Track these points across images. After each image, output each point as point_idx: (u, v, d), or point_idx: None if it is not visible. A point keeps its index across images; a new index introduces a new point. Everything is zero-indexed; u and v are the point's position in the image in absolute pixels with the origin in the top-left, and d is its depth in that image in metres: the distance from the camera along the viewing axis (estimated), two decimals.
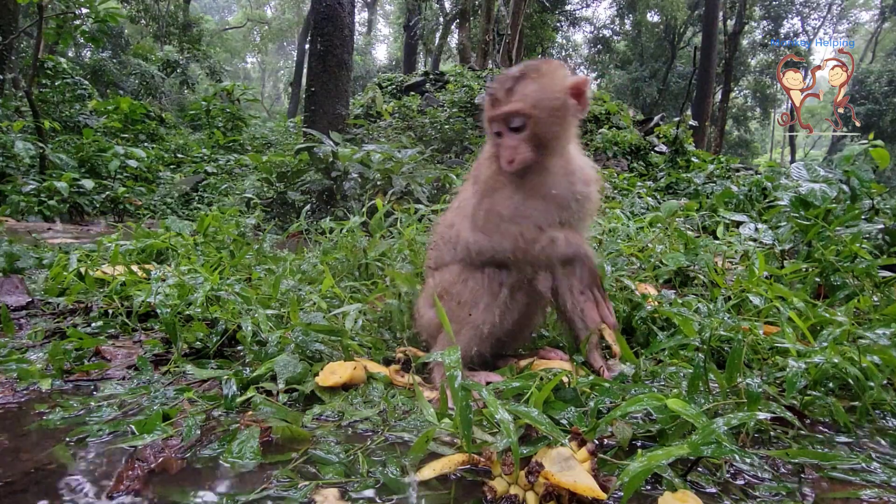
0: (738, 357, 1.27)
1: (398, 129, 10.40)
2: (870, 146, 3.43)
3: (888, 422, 1.36)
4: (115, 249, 2.86)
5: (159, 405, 1.36)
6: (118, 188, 8.62)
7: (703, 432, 0.97)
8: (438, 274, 1.68)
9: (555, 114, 1.47)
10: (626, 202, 5.35)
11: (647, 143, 11.21)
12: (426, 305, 1.70)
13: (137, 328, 2.08)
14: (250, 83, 32.84)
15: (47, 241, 4.23)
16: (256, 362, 1.60)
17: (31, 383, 1.51)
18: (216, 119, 15.03)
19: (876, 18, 33.97)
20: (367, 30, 41.77)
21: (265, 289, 2.29)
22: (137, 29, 25.79)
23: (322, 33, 9.07)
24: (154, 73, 18.22)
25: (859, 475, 1.10)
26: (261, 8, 46.25)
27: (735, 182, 6.55)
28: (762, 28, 32.70)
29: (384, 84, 16.04)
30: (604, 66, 35.29)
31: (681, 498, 0.95)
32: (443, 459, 1.08)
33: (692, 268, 2.56)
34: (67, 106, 12.22)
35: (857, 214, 2.88)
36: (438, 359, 1.22)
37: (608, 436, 1.21)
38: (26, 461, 1.10)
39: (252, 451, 1.14)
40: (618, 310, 2.05)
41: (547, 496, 0.94)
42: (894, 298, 2.14)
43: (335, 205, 5.96)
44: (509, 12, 16.36)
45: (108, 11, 8.53)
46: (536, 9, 22.69)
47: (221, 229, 3.52)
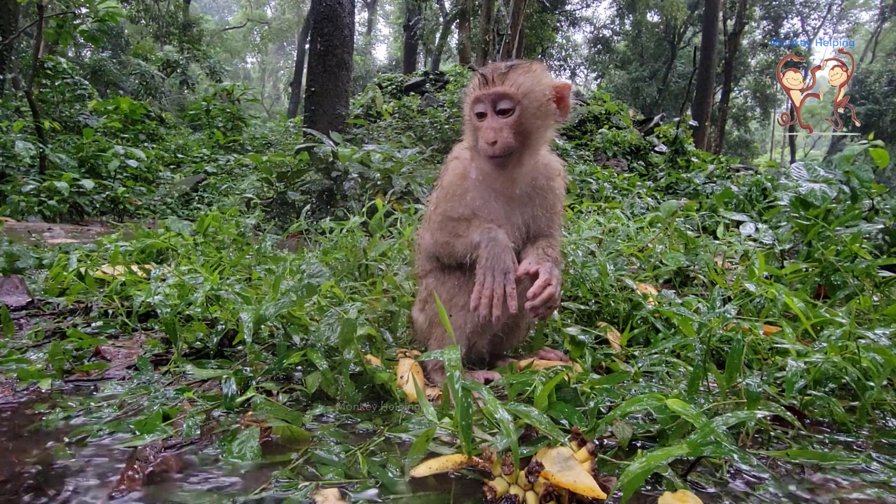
0: (738, 357, 1.27)
1: (398, 129, 10.40)
2: (870, 146, 3.44)
3: (888, 422, 1.36)
4: (115, 249, 2.86)
5: (159, 405, 1.35)
6: (118, 188, 8.62)
7: (703, 432, 0.97)
8: (424, 279, 1.73)
9: (540, 108, 1.51)
10: (626, 202, 5.35)
11: (647, 143, 11.21)
12: (417, 310, 1.76)
13: (137, 328, 2.08)
14: (250, 83, 32.84)
15: (47, 240, 4.23)
16: (257, 362, 1.60)
17: (31, 383, 1.50)
18: (216, 119, 15.03)
19: (876, 18, 33.97)
20: (367, 30, 41.78)
21: (265, 289, 2.28)
22: (137, 29, 25.78)
23: (322, 33, 9.07)
24: (154, 73, 18.22)
25: (859, 475, 1.10)
26: (261, 8, 46.24)
27: (735, 182, 6.56)
28: (762, 28, 32.71)
29: (384, 84, 16.05)
30: (604, 66, 35.28)
31: (681, 498, 0.95)
32: (440, 458, 1.08)
33: (692, 268, 2.56)
34: (67, 106, 12.21)
35: (857, 214, 2.88)
36: (438, 357, 1.22)
37: (608, 436, 1.21)
38: (26, 461, 1.10)
39: (252, 452, 1.14)
40: (618, 309, 2.06)
41: (547, 496, 0.94)
42: (894, 298, 2.14)
43: (335, 205, 5.95)
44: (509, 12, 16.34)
45: (108, 11, 8.53)
46: (536, 9, 22.68)
47: (221, 229, 3.52)
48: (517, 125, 1.50)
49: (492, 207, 1.60)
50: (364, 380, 1.48)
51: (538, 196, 1.63)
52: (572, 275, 2.22)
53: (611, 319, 2.09)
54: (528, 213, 1.62)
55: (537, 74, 1.53)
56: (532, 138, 1.53)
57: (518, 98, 1.48)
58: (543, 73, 1.55)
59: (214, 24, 38.63)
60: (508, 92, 1.48)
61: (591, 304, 2.15)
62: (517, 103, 1.49)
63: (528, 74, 1.51)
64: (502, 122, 1.49)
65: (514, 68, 1.51)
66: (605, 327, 1.96)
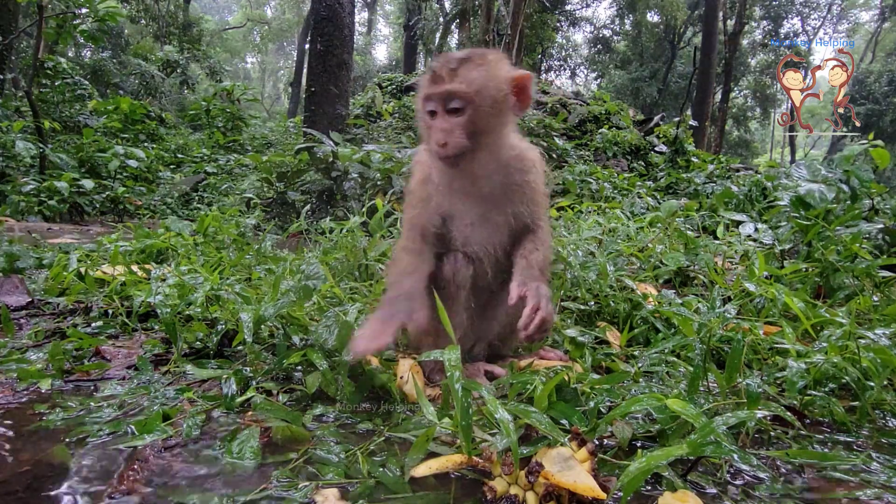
0: (738, 357, 1.27)
1: (398, 129, 10.40)
2: (870, 146, 3.44)
3: (888, 422, 1.36)
4: (115, 249, 2.86)
5: (159, 405, 1.36)
6: (118, 188, 8.62)
7: (703, 432, 0.97)
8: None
9: (495, 105, 1.41)
10: (626, 202, 5.35)
11: (647, 143, 11.20)
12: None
13: (137, 328, 2.08)
14: (250, 83, 32.81)
15: (47, 240, 4.23)
16: (257, 362, 1.60)
17: (31, 383, 1.50)
18: (216, 119, 15.03)
19: (876, 18, 33.95)
20: (367, 30, 41.76)
21: (265, 289, 2.29)
22: (137, 29, 25.78)
23: (322, 33, 9.07)
24: (154, 73, 18.22)
25: (859, 475, 1.10)
26: (261, 8, 46.24)
27: (735, 182, 6.56)
28: (762, 28, 32.68)
29: (384, 84, 16.03)
30: (604, 66, 35.26)
31: (681, 498, 0.95)
32: (440, 458, 1.08)
33: (692, 268, 2.56)
34: (67, 106, 12.21)
35: (857, 214, 2.88)
36: (438, 357, 1.22)
37: (608, 436, 1.21)
38: (26, 461, 1.10)
39: (252, 451, 1.14)
40: (618, 309, 2.06)
41: (547, 496, 0.94)
42: (894, 298, 2.14)
43: (335, 205, 5.95)
44: (509, 12, 16.33)
45: (108, 11, 8.53)
46: (536, 9, 22.67)
47: (221, 229, 3.52)
48: (469, 125, 1.39)
49: (462, 210, 1.53)
50: (364, 380, 1.48)
51: (515, 192, 1.54)
52: (569, 278, 2.21)
53: (611, 319, 2.09)
54: (507, 210, 1.54)
55: (492, 67, 1.41)
56: (488, 136, 1.44)
57: (470, 96, 1.37)
58: (499, 64, 1.44)
59: (214, 24, 38.62)
60: (458, 90, 1.37)
61: (591, 304, 2.15)
62: (469, 102, 1.38)
63: (482, 68, 1.39)
64: (453, 121, 1.39)
65: (466, 62, 1.39)
66: (604, 327, 1.96)
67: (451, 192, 1.53)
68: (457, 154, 1.40)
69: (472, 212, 1.54)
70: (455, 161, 1.42)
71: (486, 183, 1.51)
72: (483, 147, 1.44)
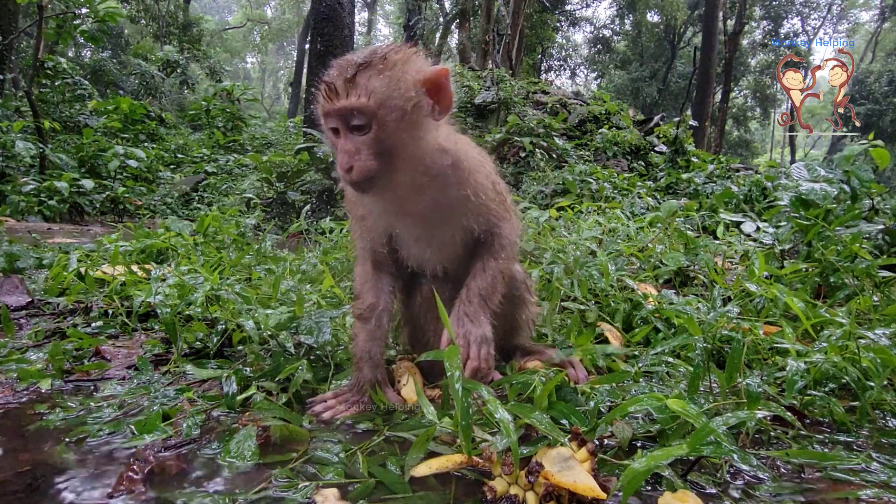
0: (739, 357, 1.27)
1: None
2: (870, 146, 3.43)
3: (888, 422, 1.36)
4: (115, 249, 2.86)
5: (159, 405, 1.35)
6: (118, 188, 8.62)
7: (703, 432, 0.97)
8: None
9: (406, 116, 1.17)
10: (626, 202, 5.35)
11: (647, 143, 11.19)
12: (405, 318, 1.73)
13: (137, 328, 2.08)
14: (250, 83, 32.79)
15: (47, 240, 4.23)
16: (258, 363, 1.60)
17: (31, 383, 1.51)
18: (216, 119, 15.03)
19: (876, 18, 33.97)
20: (367, 30, 41.75)
21: (265, 289, 2.29)
22: (137, 29, 25.79)
23: (322, 33, 9.08)
24: (154, 73, 18.22)
25: (859, 475, 1.09)
26: (261, 8, 46.25)
27: (735, 182, 6.56)
28: (762, 28, 32.70)
29: None
30: (604, 66, 35.27)
31: (681, 498, 0.95)
32: (440, 458, 1.08)
33: (692, 268, 2.56)
34: (67, 106, 12.22)
35: (857, 214, 2.88)
36: (438, 358, 1.21)
37: (608, 436, 1.21)
38: (26, 461, 1.10)
39: (250, 451, 1.14)
40: (618, 309, 2.06)
41: (547, 496, 0.94)
42: (894, 298, 2.13)
43: (335, 205, 5.96)
44: (509, 12, 16.35)
45: (108, 11, 8.54)
46: (536, 9, 22.69)
47: (221, 229, 3.52)
48: (376, 143, 1.17)
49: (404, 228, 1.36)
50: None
51: (457, 206, 1.33)
52: (565, 285, 2.21)
53: (611, 320, 2.09)
54: (455, 224, 1.35)
55: (397, 71, 1.17)
56: (403, 152, 1.20)
57: (372, 110, 1.14)
58: (406, 64, 1.20)
59: (214, 24, 38.61)
60: (357, 105, 1.14)
61: (591, 304, 2.15)
62: (372, 117, 1.15)
63: (384, 74, 1.16)
64: (358, 141, 1.17)
65: (364, 69, 1.16)
66: (604, 327, 1.96)
67: (386, 214, 1.35)
68: (364, 179, 1.19)
69: (415, 231, 1.38)
70: (366, 187, 1.21)
71: (418, 202, 1.31)
72: (398, 167, 1.21)
